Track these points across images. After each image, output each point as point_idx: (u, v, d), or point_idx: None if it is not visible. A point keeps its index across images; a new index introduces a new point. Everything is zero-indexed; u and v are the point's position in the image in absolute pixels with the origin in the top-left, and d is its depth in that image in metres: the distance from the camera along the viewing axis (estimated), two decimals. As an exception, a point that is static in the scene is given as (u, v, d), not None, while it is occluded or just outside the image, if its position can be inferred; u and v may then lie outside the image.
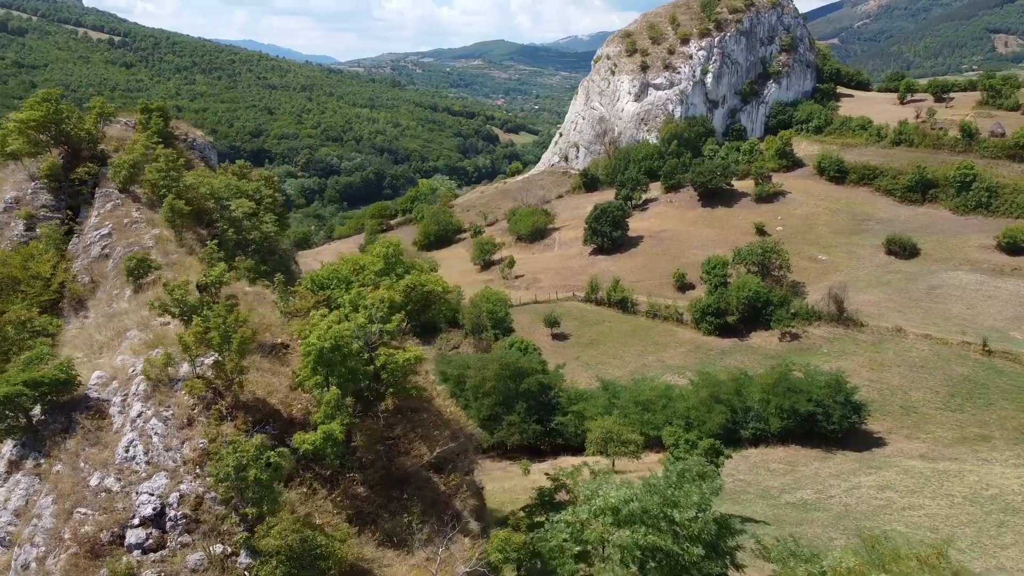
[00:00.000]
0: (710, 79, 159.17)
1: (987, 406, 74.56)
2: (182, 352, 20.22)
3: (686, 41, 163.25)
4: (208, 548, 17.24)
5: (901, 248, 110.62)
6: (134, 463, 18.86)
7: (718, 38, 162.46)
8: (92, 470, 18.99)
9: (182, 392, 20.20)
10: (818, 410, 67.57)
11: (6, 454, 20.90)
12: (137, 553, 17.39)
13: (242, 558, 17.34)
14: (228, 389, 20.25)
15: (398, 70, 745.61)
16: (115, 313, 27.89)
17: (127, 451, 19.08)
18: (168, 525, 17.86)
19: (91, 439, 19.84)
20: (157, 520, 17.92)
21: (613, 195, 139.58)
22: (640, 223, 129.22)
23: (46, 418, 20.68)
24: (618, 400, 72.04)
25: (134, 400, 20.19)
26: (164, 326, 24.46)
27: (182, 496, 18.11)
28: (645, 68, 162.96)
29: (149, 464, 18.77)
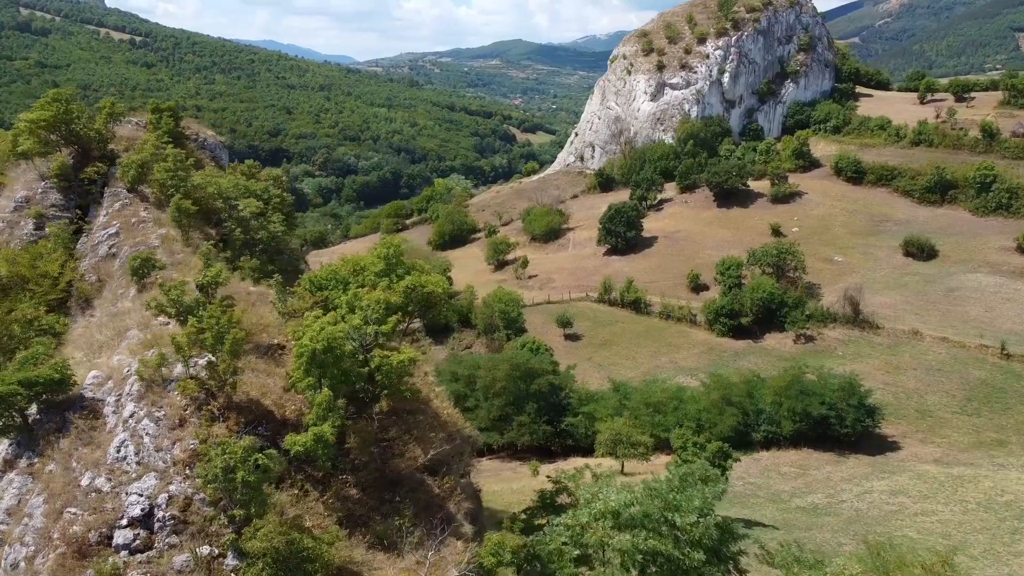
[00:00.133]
0: (727, 79, 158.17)
1: (1004, 410, 73.51)
2: (175, 353, 20.26)
3: (703, 40, 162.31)
4: (194, 549, 17.28)
5: (919, 250, 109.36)
6: (125, 463, 18.91)
7: (735, 37, 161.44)
8: (84, 470, 19.06)
9: (175, 393, 20.25)
10: (831, 413, 66.90)
11: (1, 453, 21.01)
12: (124, 554, 17.39)
13: (229, 560, 17.33)
14: (221, 390, 20.27)
15: (416, 70, 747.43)
16: (118, 313, 28.03)
17: (118, 451, 19.14)
18: (156, 526, 17.86)
19: (84, 439, 19.91)
20: (145, 521, 17.93)
21: (628, 195, 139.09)
22: (655, 223, 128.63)
23: (41, 417, 20.80)
24: (629, 402, 71.68)
25: (127, 400, 20.25)
26: (164, 326, 24.47)
27: (171, 497, 18.11)
28: (661, 68, 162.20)
29: (140, 464, 18.79)
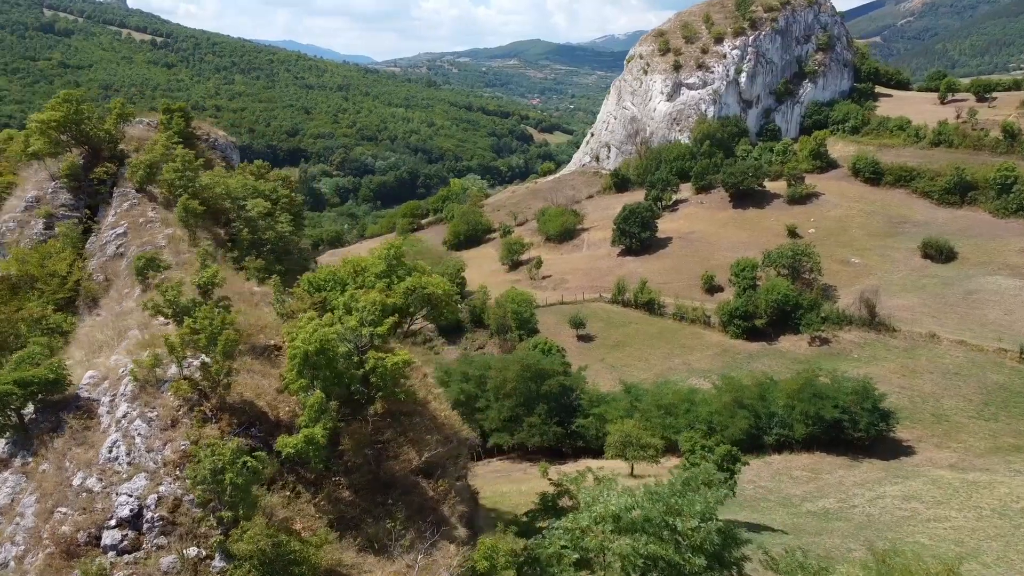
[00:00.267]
0: (744, 79, 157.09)
1: (1023, 415, 72.40)
2: (168, 353, 20.30)
3: (720, 40, 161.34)
4: (181, 551, 17.29)
5: (937, 252, 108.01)
6: (117, 464, 18.95)
7: (752, 37, 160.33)
8: (76, 470, 19.12)
9: (168, 393, 20.29)
10: (844, 417, 66.14)
11: (-3, 452, 21.16)
12: (112, 554, 17.42)
13: (216, 562, 17.31)
14: (214, 391, 20.29)
15: (434, 70, 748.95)
16: (121, 313, 28.19)
17: (110, 451, 19.19)
18: (145, 527, 17.87)
19: (78, 438, 19.99)
20: (134, 522, 17.95)
21: (643, 196, 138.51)
22: (669, 224, 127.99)
23: (37, 417, 20.92)
24: (640, 403, 71.27)
25: (121, 400, 20.31)
26: (164, 327, 24.56)
27: (160, 498, 18.12)
28: (678, 67, 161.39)
29: (131, 465, 18.83)
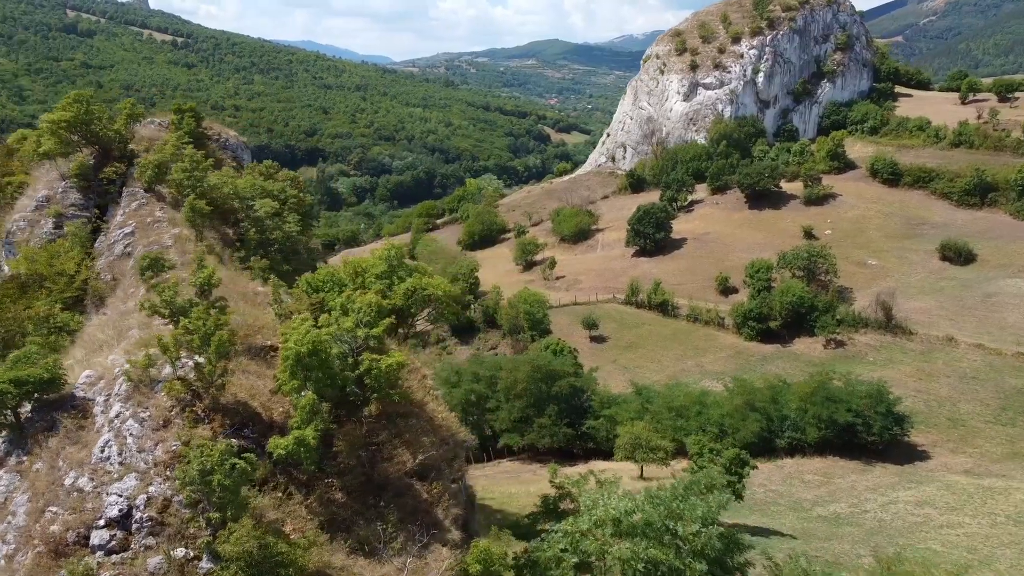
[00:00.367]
0: (761, 78, 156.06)
1: (1041, 421, 71.39)
2: (162, 353, 20.35)
3: (737, 40, 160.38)
4: (168, 551, 17.31)
5: (956, 254, 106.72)
6: (108, 463, 19.02)
7: (770, 36, 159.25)
8: (69, 469, 19.21)
9: (161, 394, 20.35)
10: (857, 420, 65.52)
11: (-8, 451, 21.31)
12: (100, 554, 17.50)
13: (203, 563, 17.31)
14: (207, 391, 20.32)
15: (452, 70, 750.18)
16: (124, 312, 28.34)
17: (102, 451, 19.26)
18: (134, 527, 17.91)
19: (72, 438, 20.08)
20: (123, 522, 18.01)
21: (659, 196, 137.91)
22: (684, 225, 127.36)
23: (33, 416, 21.07)
24: (651, 405, 70.93)
25: (115, 400, 20.38)
26: (164, 327, 24.64)
27: (149, 498, 18.15)
28: (695, 67, 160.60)
29: (122, 465, 18.89)
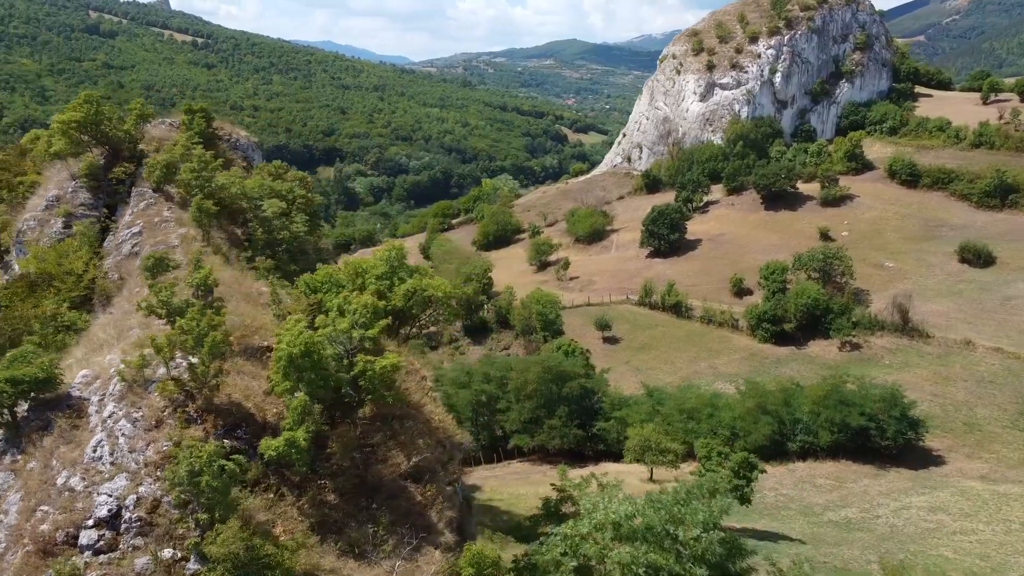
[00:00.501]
0: (779, 78, 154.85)
1: (1060, 426, 70.28)
2: (156, 354, 20.40)
3: (755, 39, 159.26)
4: (155, 552, 17.34)
5: (975, 256, 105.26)
6: (100, 463, 19.10)
7: (788, 36, 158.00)
8: (61, 468, 19.30)
9: (155, 394, 20.41)
10: (871, 424, 64.81)
11: (-12, 450, 21.44)
12: (88, 554, 17.57)
13: (191, 564, 17.34)
14: (200, 392, 20.35)
15: (470, 70, 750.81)
16: (127, 311, 28.47)
17: (95, 451, 19.34)
18: (123, 527, 17.97)
19: (66, 437, 20.18)
20: (112, 522, 18.07)
21: (674, 197, 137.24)
22: (699, 226, 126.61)
23: (29, 415, 21.20)
24: (662, 407, 70.59)
25: (109, 400, 20.49)
26: (164, 327, 24.72)
27: (139, 499, 18.20)
28: (711, 67, 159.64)
29: (113, 465, 18.96)
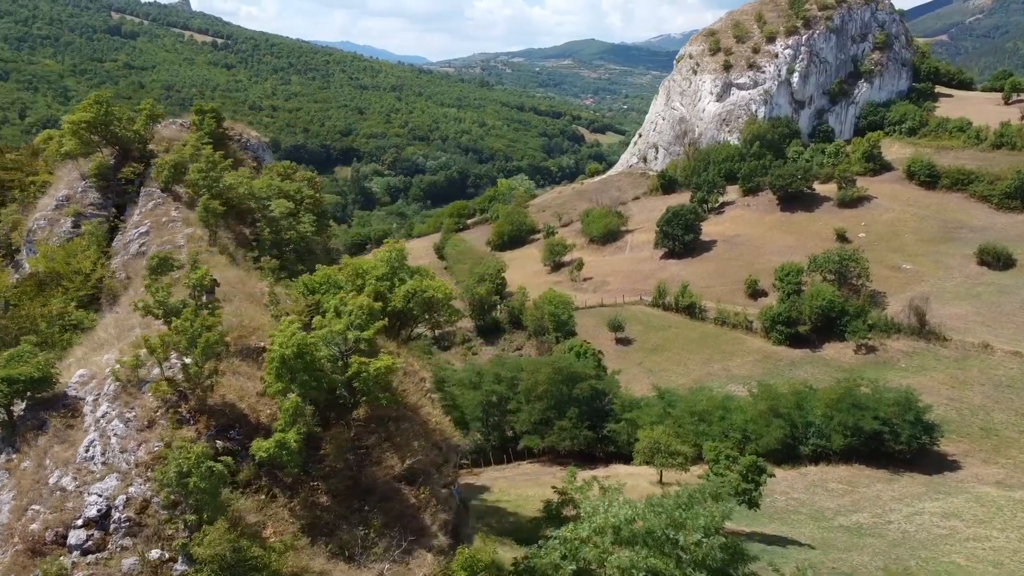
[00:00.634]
0: (796, 78, 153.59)
1: (1079, 432, 69.14)
2: (149, 354, 20.44)
3: (772, 39, 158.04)
4: (142, 553, 17.35)
5: (995, 258, 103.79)
6: (92, 463, 19.17)
7: (806, 36, 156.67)
8: (54, 468, 19.39)
9: (148, 394, 20.45)
10: (885, 428, 63.99)
11: (-17, 449, 21.57)
12: (76, 554, 17.63)
13: (179, 565, 17.35)
14: (193, 392, 20.37)
15: (488, 70, 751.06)
16: (131, 311, 28.59)
17: (87, 451, 19.42)
18: (112, 527, 18.03)
19: (60, 437, 20.27)
20: (101, 522, 18.13)
21: (689, 197, 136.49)
22: (714, 227, 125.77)
23: (25, 414, 21.31)
24: (673, 410, 70.09)
25: (103, 400, 20.57)
26: (163, 327, 24.80)
27: (128, 499, 18.24)
28: (728, 67, 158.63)
29: (105, 465, 19.04)
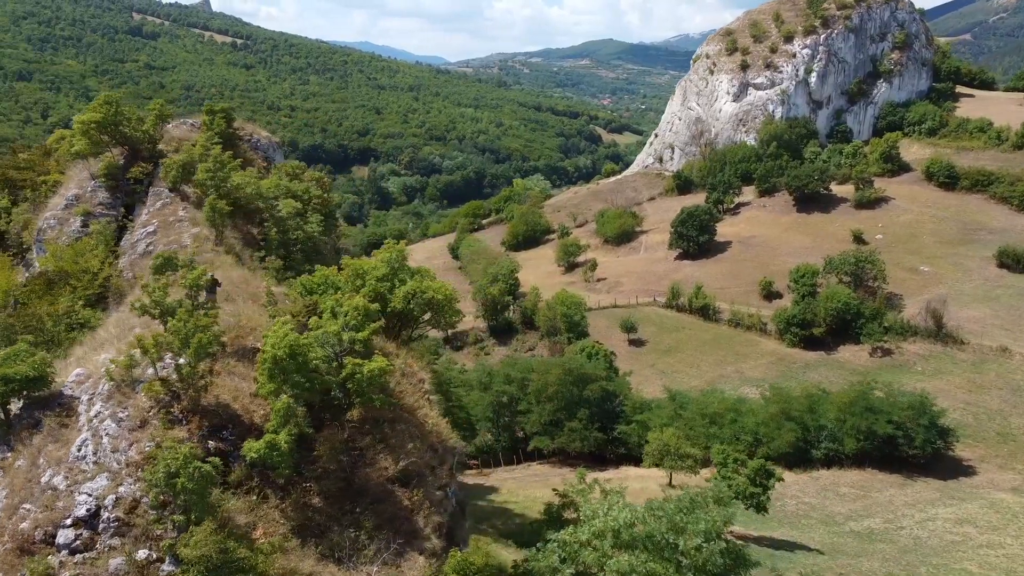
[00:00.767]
0: (814, 78, 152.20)
1: (1098, 437, 67.99)
2: (143, 354, 20.50)
3: (790, 39, 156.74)
4: (130, 553, 17.38)
5: (1015, 261, 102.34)
6: (84, 463, 19.24)
7: (824, 35, 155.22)
8: (47, 467, 19.49)
9: (141, 394, 20.51)
10: (898, 433, 63.21)
11: (-20, 447, 21.71)
12: (64, 553, 17.69)
13: (166, 565, 17.36)
14: (187, 392, 20.40)
15: (506, 70, 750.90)
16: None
17: (79, 450, 19.50)
18: (101, 527, 18.08)
19: (55, 436, 20.36)
20: (90, 521, 18.19)
21: (704, 198, 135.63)
22: (730, 228, 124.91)
23: (21, 413, 21.44)
24: (684, 412, 69.69)
25: (97, 399, 20.65)
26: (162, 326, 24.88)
27: (118, 499, 18.29)
28: (745, 67, 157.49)
29: (96, 464, 19.11)
